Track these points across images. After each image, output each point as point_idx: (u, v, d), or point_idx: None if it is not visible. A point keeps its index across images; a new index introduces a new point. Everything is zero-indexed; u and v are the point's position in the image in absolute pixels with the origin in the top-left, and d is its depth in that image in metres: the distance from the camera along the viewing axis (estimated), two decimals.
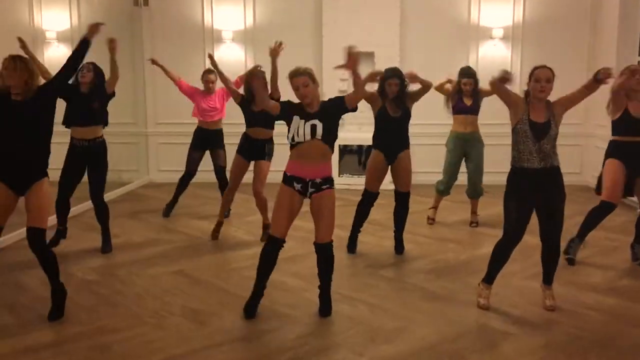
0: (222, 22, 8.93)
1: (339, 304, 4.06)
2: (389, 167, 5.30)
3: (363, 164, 9.63)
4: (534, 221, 4.09)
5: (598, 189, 5.16)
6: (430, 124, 8.05)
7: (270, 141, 5.83)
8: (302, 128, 3.77)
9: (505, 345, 3.51)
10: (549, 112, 3.96)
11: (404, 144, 5.27)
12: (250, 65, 8.94)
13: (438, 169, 6.64)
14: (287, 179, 3.88)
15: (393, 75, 5.11)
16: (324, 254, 3.92)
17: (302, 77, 3.76)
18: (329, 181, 3.90)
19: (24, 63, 3.81)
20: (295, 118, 3.79)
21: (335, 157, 8.73)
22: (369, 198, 5.32)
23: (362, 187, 5.37)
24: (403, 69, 8.28)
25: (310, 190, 3.87)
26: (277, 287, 4.47)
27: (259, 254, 5.29)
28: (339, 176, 8.66)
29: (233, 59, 8.95)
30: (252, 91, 5.37)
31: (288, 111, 3.84)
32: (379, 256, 5.28)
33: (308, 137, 3.76)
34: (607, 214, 5.00)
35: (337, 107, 3.83)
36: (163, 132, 9.17)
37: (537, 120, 3.92)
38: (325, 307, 3.97)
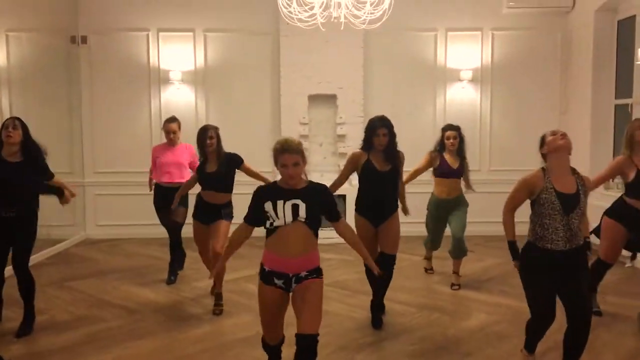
0: (170, 62, 8.16)
1: None
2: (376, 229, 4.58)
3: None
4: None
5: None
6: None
7: (226, 205, 5.06)
8: (281, 209, 3.05)
9: None
10: (578, 182, 3.40)
11: (394, 204, 4.59)
12: (201, 108, 8.24)
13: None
14: (266, 276, 3.18)
15: (382, 125, 4.44)
16: (308, 348, 3.09)
17: (295, 156, 3.08)
18: (317, 271, 3.19)
19: None
20: (269, 204, 3.09)
21: None
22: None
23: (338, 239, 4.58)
24: (367, 112, 7.84)
25: (294, 285, 3.15)
26: None
27: (210, 334, 4.52)
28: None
29: (183, 101, 8.18)
30: (204, 150, 4.94)
31: (263, 199, 3.13)
32: (352, 332, 4.49)
33: (289, 218, 3.05)
34: (607, 270, 4.86)
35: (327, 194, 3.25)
36: (102, 182, 8.23)
37: (563, 191, 3.34)
38: None
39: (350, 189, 5.34)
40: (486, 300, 5.29)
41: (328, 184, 3.78)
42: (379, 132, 4.41)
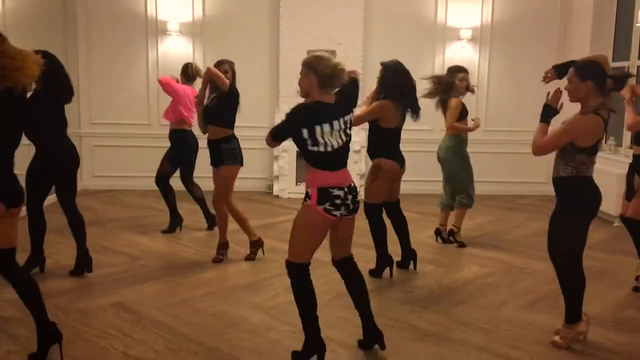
0: (168, 12, 8.08)
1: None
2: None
3: None
4: (515, 238, 3.52)
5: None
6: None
7: (226, 140, 4.95)
8: (338, 125, 3.15)
9: None
10: None
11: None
12: (198, 61, 8.16)
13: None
14: (329, 198, 3.10)
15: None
16: (353, 266, 3.39)
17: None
18: (306, 196, 3.22)
19: None
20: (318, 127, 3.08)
21: (292, 163, 8.04)
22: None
23: None
24: (366, 69, 7.85)
25: (344, 212, 3.16)
26: (235, 325, 3.76)
27: (212, 279, 4.65)
28: (296, 184, 7.98)
29: (180, 53, 8.11)
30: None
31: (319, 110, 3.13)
32: None
33: (344, 137, 3.19)
34: None
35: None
36: (98, 133, 8.23)
37: None
38: (376, 336, 3.36)
39: None
40: (479, 254, 5.45)
41: None
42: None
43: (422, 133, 7.10)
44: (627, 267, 4.93)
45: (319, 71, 3.09)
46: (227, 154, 4.91)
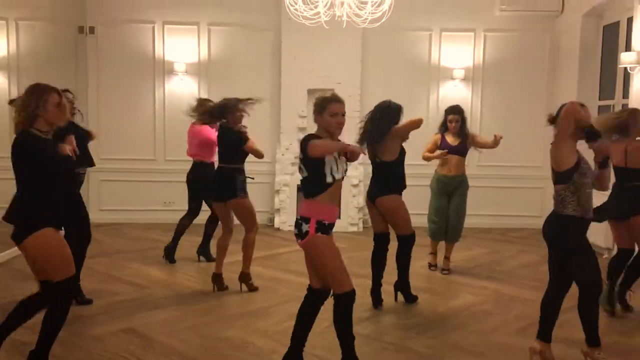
0: (175, 53, 8.47)
1: None
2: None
3: None
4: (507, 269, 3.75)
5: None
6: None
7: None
8: (339, 162, 3.38)
9: None
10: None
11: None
12: None
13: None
14: (326, 228, 3.35)
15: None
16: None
17: (343, 106, 3.42)
18: None
19: None
20: (331, 157, 3.34)
21: (292, 197, 8.31)
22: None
23: None
24: (363, 106, 8.18)
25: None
26: (243, 349, 3.98)
27: (217, 307, 4.87)
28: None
29: (186, 92, 8.47)
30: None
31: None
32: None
33: (343, 174, 3.42)
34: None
35: None
36: (106, 168, 8.50)
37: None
38: None
39: None
40: (473, 284, 5.67)
41: None
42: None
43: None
44: None
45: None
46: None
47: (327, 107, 3.38)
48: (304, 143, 3.33)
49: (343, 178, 3.45)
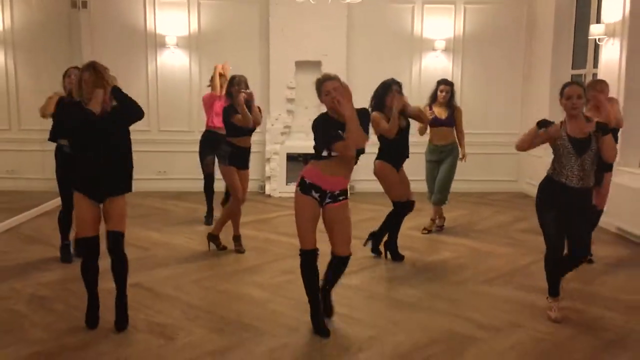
0: (166, 27, 8.73)
1: (309, 316, 4.03)
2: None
3: None
4: (483, 228, 4.20)
5: None
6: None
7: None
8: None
9: (474, 350, 3.61)
10: (589, 128, 3.91)
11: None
12: (195, 72, 8.85)
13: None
14: (306, 187, 3.68)
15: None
16: (343, 265, 3.87)
17: (334, 82, 3.60)
18: (345, 192, 3.80)
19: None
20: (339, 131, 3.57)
21: (282, 165, 8.71)
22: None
23: None
24: (349, 77, 8.54)
25: (327, 200, 3.73)
26: (241, 299, 4.43)
27: (216, 265, 5.30)
28: (286, 184, 8.64)
29: (177, 65, 8.79)
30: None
31: (332, 126, 3.62)
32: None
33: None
34: None
35: (363, 122, 3.63)
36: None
37: (576, 136, 3.93)
38: (326, 309, 3.96)
39: None
40: (451, 242, 6.15)
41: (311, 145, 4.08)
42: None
43: None
44: None
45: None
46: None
47: (321, 88, 3.65)
48: (316, 123, 3.67)
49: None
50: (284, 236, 6.17)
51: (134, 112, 3.87)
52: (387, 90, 5.17)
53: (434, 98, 6.36)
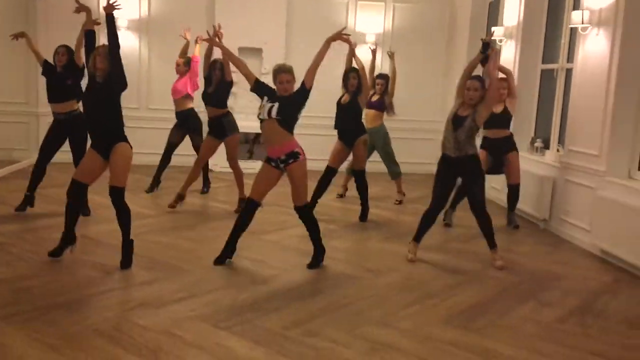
0: (117, 11, 9.30)
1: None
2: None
3: (251, 152, 10.47)
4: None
5: None
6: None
7: (226, 115, 6.72)
8: (265, 107, 4.60)
9: (352, 286, 4.51)
10: (472, 110, 4.96)
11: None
12: (144, 54, 9.52)
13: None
14: (267, 158, 4.76)
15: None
16: (302, 213, 4.85)
17: (287, 75, 4.64)
18: (293, 155, 4.70)
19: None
20: (265, 98, 4.64)
21: None
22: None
23: (254, 171, 5.90)
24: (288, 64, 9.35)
25: (281, 165, 4.72)
26: (172, 248, 5.25)
27: (156, 222, 6.05)
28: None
29: (127, 47, 9.37)
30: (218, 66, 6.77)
31: (263, 89, 4.70)
32: (264, 225, 6.07)
33: (265, 115, 4.57)
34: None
35: (299, 93, 4.68)
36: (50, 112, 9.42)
37: (460, 114, 4.99)
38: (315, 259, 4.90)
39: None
40: (354, 209, 7.08)
41: (253, 124, 5.25)
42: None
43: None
44: None
45: None
46: (229, 126, 6.73)
47: (275, 77, 4.71)
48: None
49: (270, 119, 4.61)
50: (220, 203, 7.03)
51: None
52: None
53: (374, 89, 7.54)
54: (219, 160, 9.45)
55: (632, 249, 5.07)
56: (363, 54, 9.78)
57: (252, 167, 7.96)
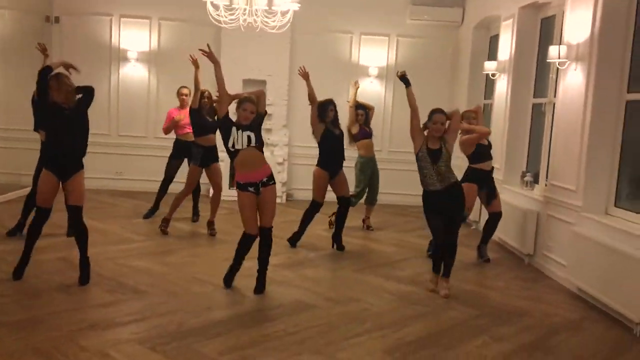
0: (129, 43, 9.76)
1: (195, 286, 4.98)
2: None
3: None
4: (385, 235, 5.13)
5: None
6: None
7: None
8: (240, 137, 4.80)
9: (305, 315, 4.53)
10: (440, 141, 5.11)
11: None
12: (153, 84, 9.87)
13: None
14: (242, 186, 4.87)
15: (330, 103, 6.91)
16: (266, 235, 4.97)
17: (251, 105, 4.92)
18: (272, 177, 4.94)
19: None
20: (233, 128, 4.84)
21: (225, 171, 9.67)
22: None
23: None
24: (291, 96, 9.58)
25: (261, 188, 4.88)
26: (143, 272, 5.37)
27: (136, 248, 6.20)
28: (229, 188, 9.59)
29: (137, 77, 9.79)
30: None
31: (228, 122, 4.91)
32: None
33: (245, 145, 4.79)
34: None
35: (259, 118, 4.97)
36: None
37: (432, 148, 5.09)
38: (259, 286, 4.97)
39: None
40: (350, 241, 7.11)
41: None
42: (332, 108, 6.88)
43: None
44: None
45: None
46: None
47: (240, 105, 4.98)
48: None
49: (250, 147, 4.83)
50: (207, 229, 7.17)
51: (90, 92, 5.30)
52: (326, 109, 6.74)
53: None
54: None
55: (603, 287, 4.94)
56: (365, 87, 9.96)
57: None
